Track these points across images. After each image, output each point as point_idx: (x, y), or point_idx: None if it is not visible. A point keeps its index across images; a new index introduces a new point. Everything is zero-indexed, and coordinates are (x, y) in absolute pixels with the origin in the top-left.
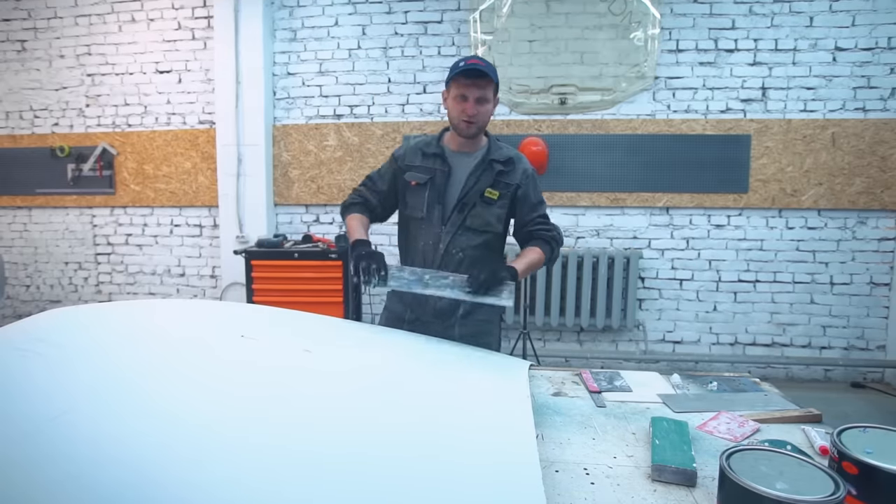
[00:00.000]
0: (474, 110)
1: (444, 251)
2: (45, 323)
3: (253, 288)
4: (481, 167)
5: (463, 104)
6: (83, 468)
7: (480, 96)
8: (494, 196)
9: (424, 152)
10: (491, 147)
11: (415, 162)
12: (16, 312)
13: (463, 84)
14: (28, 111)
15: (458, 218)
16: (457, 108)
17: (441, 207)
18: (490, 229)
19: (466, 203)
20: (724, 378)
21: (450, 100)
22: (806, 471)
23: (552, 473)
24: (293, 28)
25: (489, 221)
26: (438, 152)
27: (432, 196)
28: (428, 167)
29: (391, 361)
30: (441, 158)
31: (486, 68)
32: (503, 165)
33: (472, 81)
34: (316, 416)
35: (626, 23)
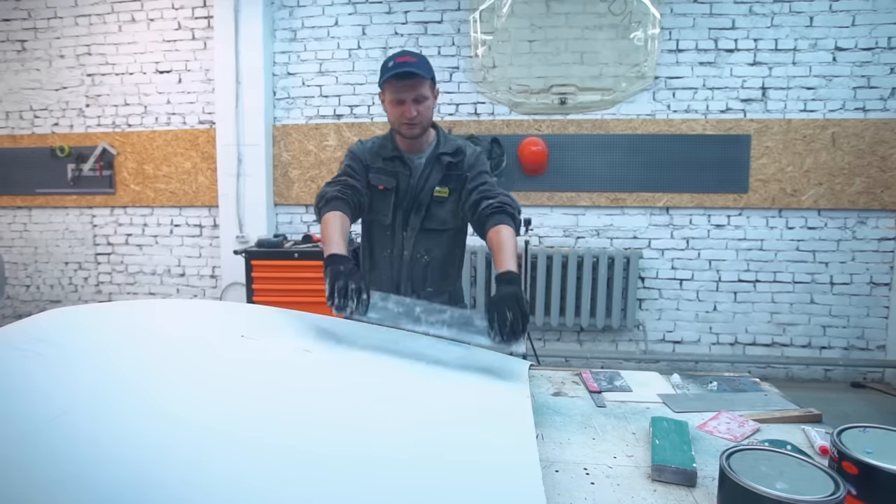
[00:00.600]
0: (413, 111)
1: (409, 257)
2: (44, 323)
3: (253, 288)
4: (430, 164)
5: (401, 108)
6: (83, 468)
7: (417, 96)
8: (445, 194)
9: (382, 156)
10: (440, 140)
11: (376, 164)
12: (16, 312)
13: (396, 87)
14: (28, 111)
15: (416, 220)
16: (395, 112)
17: (402, 212)
18: (448, 226)
19: (421, 203)
20: (724, 378)
21: (387, 104)
22: (806, 471)
23: (552, 473)
24: (293, 28)
25: (445, 219)
26: (397, 154)
27: (397, 201)
28: (391, 171)
29: (391, 361)
30: (401, 160)
31: (416, 67)
32: (452, 157)
33: (405, 83)
34: (316, 415)
35: (626, 23)
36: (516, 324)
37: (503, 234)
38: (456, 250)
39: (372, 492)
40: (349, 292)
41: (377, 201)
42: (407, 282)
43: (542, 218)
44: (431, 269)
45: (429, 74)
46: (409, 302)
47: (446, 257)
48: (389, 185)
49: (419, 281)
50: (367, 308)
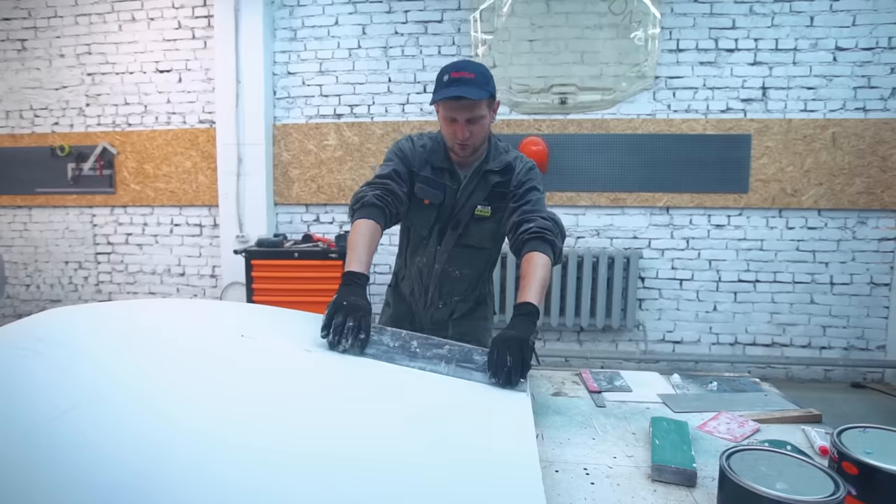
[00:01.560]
0: (466, 133)
1: (440, 271)
2: (44, 322)
3: (253, 287)
4: (475, 179)
5: (453, 127)
6: (83, 468)
7: (471, 117)
8: (486, 213)
9: (432, 164)
10: (490, 154)
11: (423, 172)
12: (16, 312)
13: (450, 107)
14: (28, 110)
15: (452, 236)
16: (448, 131)
17: (439, 227)
18: (486, 245)
19: (460, 220)
20: (724, 378)
21: (440, 118)
22: (806, 471)
23: (552, 473)
24: (293, 27)
25: (482, 239)
26: (447, 167)
27: (440, 216)
28: (439, 183)
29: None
30: (450, 174)
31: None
32: (500, 175)
33: (461, 104)
34: (316, 415)
35: (627, 22)
36: (515, 369)
37: (534, 262)
38: (489, 265)
39: (372, 492)
40: (346, 330)
41: (419, 212)
42: (435, 290)
43: None
44: (461, 282)
45: (485, 94)
46: (406, 335)
47: (479, 274)
48: (436, 200)
49: (447, 292)
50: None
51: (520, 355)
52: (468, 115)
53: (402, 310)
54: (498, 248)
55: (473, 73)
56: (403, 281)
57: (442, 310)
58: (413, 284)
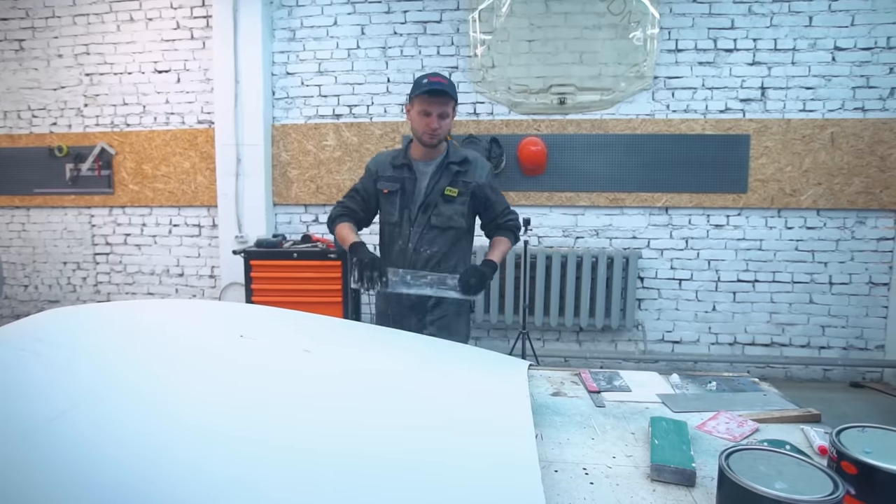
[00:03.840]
0: (437, 124)
1: (412, 250)
2: (43, 323)
3: (252, 288)
4: (440, 170)
5: (427, 119)
6: (82, 468)
7: (442, 112)
8: (454, 193)
9: (394, 164)
10: (449, 151)
11: (386, 173)
12: (14, 312)
13: (427, 101)
14: (26, 111)
15: (423, 218)
16: (421, 123)
17: (409, 211)
18: (453, 224)
19: (430, 203)
20: (723, 378)
21: (413, 113)
22: (805, 470)
23: (551, 473)
24: (292, 28)
25: (452, 217)
26: (406, 162)
27: (402, 201)
28: (397, 177)
29: (390, 362)
30: (408, 167)
31: (448, 88)
32: (459, 166)
33: (436, 99)
34: (315, 416)
35: (626, 22)
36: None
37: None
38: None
39: (372, 492)
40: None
41: (385, 203)
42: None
43: (542, 218)
44: (433, 262)
45: (455, 97)
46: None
47: (448, 253)
48: (393, 188)
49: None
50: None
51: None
52: (440, 110)
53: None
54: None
55: (447, 80)
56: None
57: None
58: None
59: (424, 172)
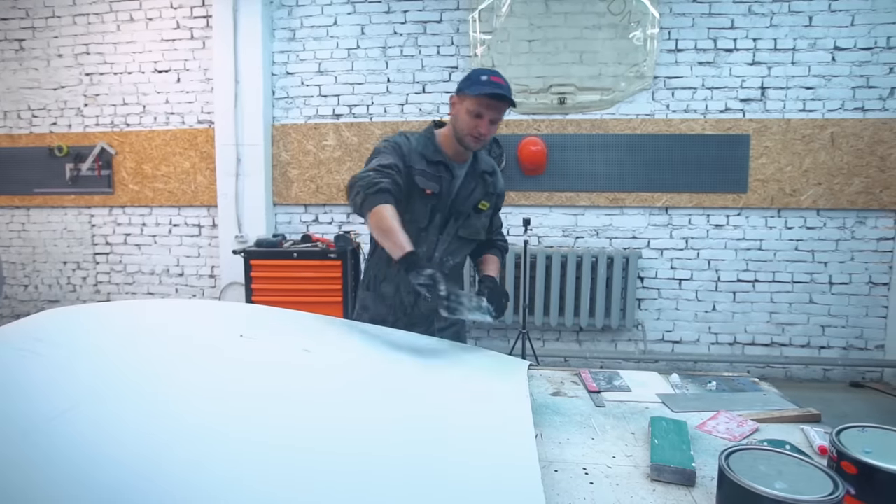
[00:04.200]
0: (487, 130)
1: (438, 260)
2: (43, 323)
3: (252, 288)
4: (474, 178)
5: (477, 121)
6: (81, 468)
7: (495, 118)
8: (486, 207)
9: (427, 158)
10: (477, 156)
11: (419, 165)
12: (14, 312)
13: (484, 104)
14: (26, 110)
15: (453, 227)
16: (470, 124)
17: (441, 216)
18: (478, 237)
19: (462, 213)
20: (723, 378)
21: (462, 110)
22: (805, 470)
23: (551, 473)
24: (292, 27)
25: (478, 230)
26: (442, 160)
27: (437, 206)
28: (436, 175)
29: (390, 361)
30: (445, 167)
31: (508, 92)
32: (490, 176)
33: (494, 103)
34: (315, 416)
35: (626, 22)
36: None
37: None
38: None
39: (372, 492)
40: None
41: (419, 202)
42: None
43: (541, 218)
44: (452, 273)
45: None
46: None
47: (463, 265)
48: (435, 190)
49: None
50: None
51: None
52: (494, 115)
53: (384, 312)
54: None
55: (505, 83)
56: (385, 282)
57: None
58: (399, 281)
59: (458, 176)
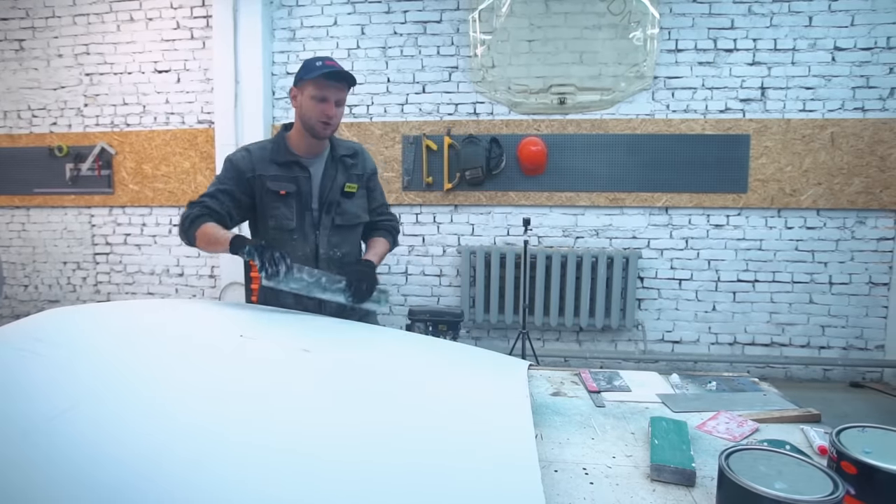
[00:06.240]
0: (334, 111)
1: (324, 254)
2: (43, 323)
3: (252, 288)
4: (333, 165)
5: (322, 105)
6: (81, 467)
7: (339, 99)
8: (354, 188)
9: (277, 161)
10: (333, 143)
11: (269, 171)
12: (14, 312)
13: (324, 86)
14: (26, 111)
15: (327, 219)
16: (316, 110)
17: (310, 213)
18: (359, 220)
19: (331, 202)
20: (723, 378)
21: (304, 99)
22: (805, 470)
23: (551, 473)
24: (292, 27)
25: (357, 213)
26: (294, 159)
27: (300, 204)
28: (289, 175)
29: (390, 362)
30: (298, 165)
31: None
32: (351, 158)
33: (334, 84)
34: (315, 416)
35: (626, 22)
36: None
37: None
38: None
39: (371, 492)
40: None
41: (279, 206)
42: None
43: (541, 218)
44: (344, 264)
45: (354, 82)
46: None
47: (357, 252)
48: (291, 190)
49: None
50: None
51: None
52: (338, 96)
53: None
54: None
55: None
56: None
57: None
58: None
59: (316, 169)
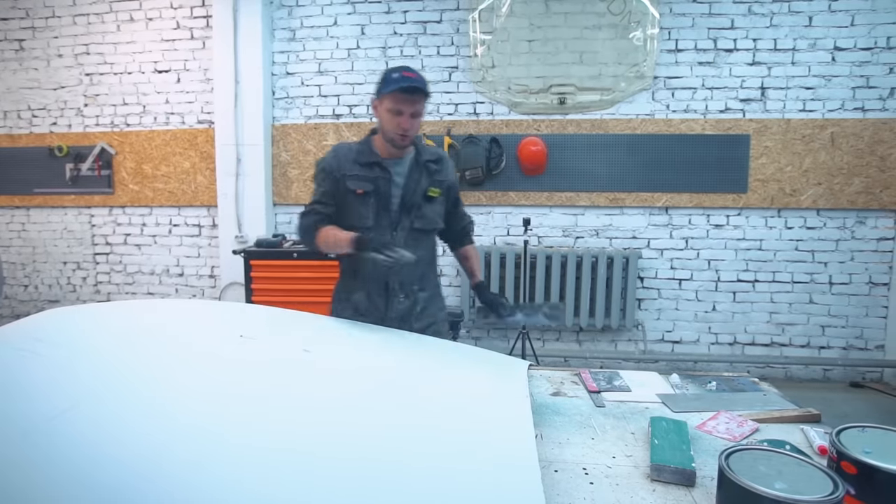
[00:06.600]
0: (409, 125)
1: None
2: (43, 323)
3: (252, 288)
4: (417, 169)
5: (398, 118)
6: (81, 467)
7: (415, 111)
8: (436, 193)
9: (359, 161)
10: (419, 148)
11: (352, 171)
12: (14, 312)
13: (399, 99)
14: (26, 111)
15: (406, 221)
16: (392, 122)
17: (388, 214)
18: (436, 226)
19: (412, 205)
20: (723, 378)
21: (382, 111)
22: (805, 470)
23: (551, 473)
24: (292, 28)
25: (434, 219)
26: (376, 160)
27: (379, 204)
28: (368, 176)
29: (390, 361)
30: (380, 166)
31: (421, 84)
32: (435, 164)
33: (409, 97)
34: (315, 416)
35: (626, 22)
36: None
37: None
38: (435, 251)
39: (371, 492)
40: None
41: (356, 205)
42: (395, 282)
43: (541, 218)
44: (418, 268)
45: (428, 93)
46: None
47: (431, 257)
48: (368, 189)
49: (407, 280)
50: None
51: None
52: (413, 109)
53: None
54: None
55: (418, 76)
56: (355, 294)
57: (404, 302)
58: (368, 287)
59: (399, 172)
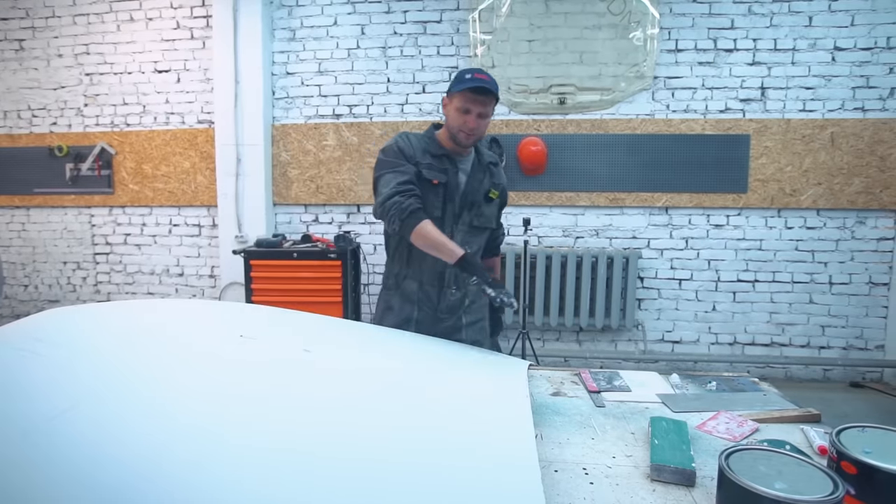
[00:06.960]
0: (475, 124)
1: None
2: (43, 323)
3: (252, 288)
4: (480, 169)
5: (465, 117)
6: (81, 468)
7: (483, 112)
8: (496, 195)
9: (431, 152)
10: (479, 150)
11: (424, 160)
12: (14, 312)
13: (469, 98)
14: (26, 110)
15: (467, 217)
16: (459, 120)
17: (452, 207)
18: (490, 226)
19: (474, 202)
20: (723, 378)
21: (452, 109)
22: (805, 470)
23: (551, 473)
24: (292, 27)
25: (490, 219)
26: (445, 153)
27: (447, 195)
28: (441, 167)
29: (390, 362)
30: (449, 159)
31: (492, 86)
32: (494, 167)
33: (478, 97)
34: (315, 416)
35: (626, 22)
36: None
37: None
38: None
39: (371, 492)
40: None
41: (428, 195)
42: (451, 273)
43: (542, 218)
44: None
45: (498, 97)
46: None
47: (481, 254)
48: (442, 180)
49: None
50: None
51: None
52: (481, 110)
53: (409, 309)
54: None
55: (489, 78)
56: (406, 280)
57: (456, 294)
58: (422, 276)
59: (463, 168)
